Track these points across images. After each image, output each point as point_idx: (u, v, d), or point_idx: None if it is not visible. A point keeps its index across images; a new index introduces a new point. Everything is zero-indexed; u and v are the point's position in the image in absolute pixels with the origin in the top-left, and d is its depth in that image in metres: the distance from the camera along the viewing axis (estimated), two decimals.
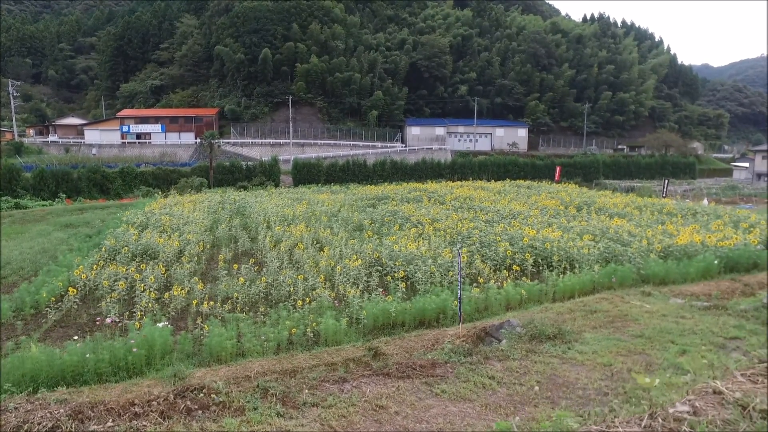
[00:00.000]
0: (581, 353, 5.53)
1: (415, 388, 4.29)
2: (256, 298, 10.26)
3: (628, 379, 4.75)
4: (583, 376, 4.78)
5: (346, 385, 4.46)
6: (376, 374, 4.68)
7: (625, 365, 5.26)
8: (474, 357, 5.18)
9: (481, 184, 34.94)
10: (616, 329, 7.22)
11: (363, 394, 4.19)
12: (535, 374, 4.74)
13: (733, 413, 1.79)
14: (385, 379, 4.51)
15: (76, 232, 19.16)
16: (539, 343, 5.79)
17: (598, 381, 4.64)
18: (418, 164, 54.27)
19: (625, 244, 13.59)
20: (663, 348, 6.23)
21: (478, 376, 4.63)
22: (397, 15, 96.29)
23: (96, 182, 40.18)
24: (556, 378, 4.69)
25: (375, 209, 22.15)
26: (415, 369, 4.68)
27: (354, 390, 4.30)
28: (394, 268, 11.65)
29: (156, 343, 7.40)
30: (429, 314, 8.98)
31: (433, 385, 4.35)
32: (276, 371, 6.76)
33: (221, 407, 3.89)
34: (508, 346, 5.74)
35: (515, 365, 4.96)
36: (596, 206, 22.04)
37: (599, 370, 5.01)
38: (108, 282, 10.77)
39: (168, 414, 3.58)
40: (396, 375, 4.56)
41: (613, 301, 9.55)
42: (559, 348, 5.65)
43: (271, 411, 3.90)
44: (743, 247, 13.19)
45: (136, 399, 3.88)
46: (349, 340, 8.13)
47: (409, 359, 5.00)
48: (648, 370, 5.19)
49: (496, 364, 5.00)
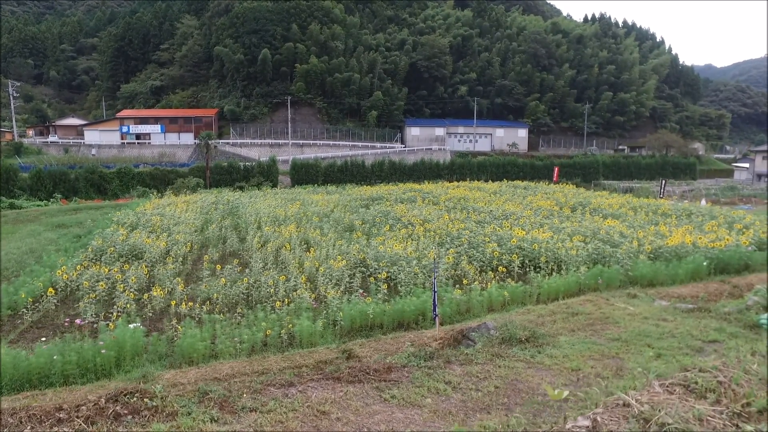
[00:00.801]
0: (551, 357, 5.40)
1: (364, 393, 4.17)
2: (236, 299, 10.14)
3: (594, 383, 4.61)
4: (546, 381, 4.65)
5: (291, 389, 4.34)
6: (326, 378, 4.56)
7: (594, 370, 5.12)
8: (435, 361, 5.05)
9: (478, 184, 34.78)
10: (594, 332, 7.08)
11: (307, 398, 4.06)
12: (495, 379, 4.60)
13: (634, 428, 1.66)
14: (335, 383, 4.38)
15: (66, 233, 19.09)
16: (509, 347, 5.66)
17: (561, 387, 4.50)
18: (416, 165, 54.17)
19: (616, 246, 13.43)
20: (638, 352, 6.09)
21: (433, 381, 4.50)
22: (397, 15, 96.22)
23: (93, 182, 40.18)
24: (518, 383, 4.55)
25: (368, 210, 22.02)
26: (368, 373, 4.56)
27: (299, 395, 4.18)
28: (378, 269, 11.52)
29: (126, 344, 7.29)
30: (408, 316, 8.86)
31: (383, 390, 4.22)
32: (246, 373, 6.66)
33: (153, 412, 3.76)
34: (474, 350, 5.60)
35: (476, 370, 4.82)
36: (591, 207, 21.88)
37: (565, 375, 4.87)
38: (89, 283, 10.67)
39: (93, 420, 3.46)
40: (347, 379, 4.44)
41: (597, 303, 9.40)
42: (529, 352, 5.51)
43: (206, 416, 3.78)
44: (734, 248, 13.02)
45: (65, 404, 3.76)
46: (324, 342, 8.01)
47: (362, 365, 4.87)
48: (617, 375, 5.05)
49: (457, 368, 4.86)
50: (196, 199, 26.54)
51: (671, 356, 5.91)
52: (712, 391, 1.89)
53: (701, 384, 1.94)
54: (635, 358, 5.82)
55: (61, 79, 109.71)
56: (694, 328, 7.35)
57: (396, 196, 27.03)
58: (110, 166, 45.88)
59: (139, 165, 50.87)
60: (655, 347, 6.30)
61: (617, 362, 5.57)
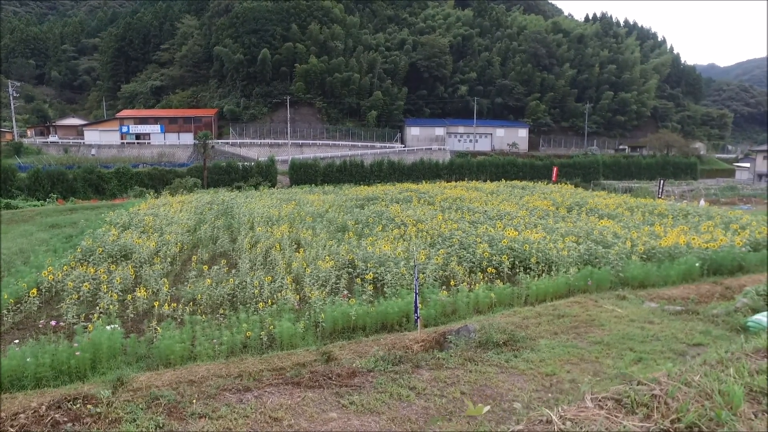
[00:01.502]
0: (526, 362, 5.27)
1: (323, 399, 4.05)
2: (221, 300, 10.04)
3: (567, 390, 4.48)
4: (517, 387, 4.52)
5: (248, 394, 4.22)
6: (286, 383, 4.44)
7: (570, 375, 4.99)
8: (403, 365, 4.93)
9: (476, 184, 34.64)
10: (577, 335, 6.94)
11: (262, 404, 3.95)
12: (464, 385, 4.48)
13: None
14: (294, 388, 4.26)
15: (59, 233, 19.02)
16: (485, 351, 5.53)
17: (531, 393, 4.38)
18: (415, 165, 54.05)
19: (608, 246, 13.28)
20: (619, 356, 5.96)
21: (397, 386, 4.37)
22: (397, 15, 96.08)
23: (91, 183, 40.16)
24: (486, 389, 4.43)
25: (362, 210, 21.90)
26: (330, 378, 4.44)
27: (254, 400, 4.06)
28: (365, 270, 11.41)
29: (103, 346, 7.19)
30: (392, 318, 8.74)
31: (343, 395, 4.10)
32: (221, 375, 6.56)
33: (95, 419, 3.65)
34: (447, 354, 5.48)
35: (445, 375, 4.70)
36: (587, 207, 21.71)
37: (538, 380, 4.74)
38: (73, 283, 10.58)
39: (29, 428, 3.35)
40: (307, 384, 4.32)
41: (585, 305, 9.27)
42: (504, 356, 5.38)
43: (151, 423, 3.67)
44: (729, 248, 12.86)
45: (2, 412, 3.64)
46: (305, 344, 7.90)
47: (325, 369, 4.75)
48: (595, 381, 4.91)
49: (425, 373, 4.74)
50: (191, 199, 26.46)
51: (652, 360, 5.78)
52: (644, 405, 1.76)
53: (634, 398, 1.81)
54: (614, 362, 5.69)
55: (62, 80, 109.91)
56: (680, 331, 7.22)
57: (392, 196, 26.91)
58: (109, 166, 45.88)
59: (139, 165, 50.88)
60: (637, 351, 6.17)
61: (595, 367, 5.44)
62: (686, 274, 11.39)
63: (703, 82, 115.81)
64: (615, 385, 4.09)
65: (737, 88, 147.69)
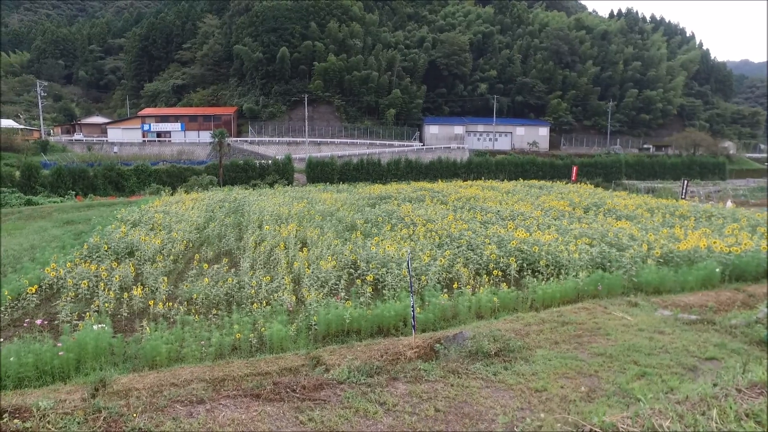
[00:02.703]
0: (517, 375, 4.88)
1: (281, 414, 3.76)
2: (217, 299, 9.86)
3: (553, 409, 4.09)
4: (500, 404, 4.15)
5: (200, 407, 3.96)
6: (245, 395, 4.16)
7: (562, 391, 4.59)
8: (378, 377, 4.59)
9: (492, 183, 34.01)
10: (579, 345, 6.50)
11: (213, 419, 3.69)
12: (441, 400, 4.13)
13: None
14: (253, 401, 3.98)
15: (72, 230, 19.24)
16: (473, 361, 5.16)
17: (514, 412, 4.00)
18: (433, 163, 53.54)
19: (623, 249, 12.69)
20: (621, 370, 5.51)
21: (366, 401, 4.05)
22: (417, 13, 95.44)
23: (111, 180, 40.85)
24: (465, 406, 4.07)
25: (373, 209, 21.61)
26: (294, 390, 4.14)
27: (204, 414, 3.80)
28: (366, 271, 11.10)
29: (88, 346, 7.06)
30: (388, 321, 8.42)
31: (305, 411, 3.80)
32: (204, 379, 6.36)
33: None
34: (429, 365, 5.12)
35: (422, 389, 4.35)
36: (605, 208, 20.99)
37: (525, 397, 4.36)
38: (72, 280, 10.55)
39: None
40: (267, 397, 4.03)
41: (593, 311, 8.79)
42: (493, 368, 5.00)
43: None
44: (754, 253, 12.13)
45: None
46: (296, 347, 7.64)
47: (289, 380, 4.45)
48: (586, 398, 4.50)
49: (401, 386, 4.41)
50: (204, 196, 26.56)
51: (657, 376, 5.33)
52: None
53: None
54: (615, 377, 5.25)
55: (89, 79, 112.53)
56: (693, 342, 6.71)
57: (405, 195, 26.57)
58: (129, 164, 46.63)
59: (158, 162, 51.59)
60: (642, 364, 5.71)
61: (593, 382, 5.02)
62: (706, 280, 10.76)
63: (735, 79, 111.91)
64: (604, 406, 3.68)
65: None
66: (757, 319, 7.81)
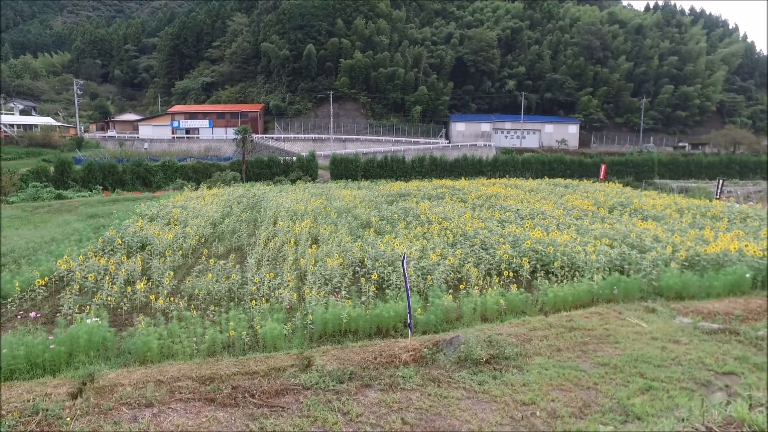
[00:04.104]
0: (505, 385, 4.51)
1: (231, 421, 3.52)
2: (219, 295, 9.77)
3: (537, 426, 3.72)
4: (478, 418, 3.80)
5: (147, 411, 3.77)
6: (199, 398, 3.95)
7: (552, 405, 4.20)
8: (349, 384, 4.31)
9: (516, 182, 33.19)
10: (584, 353, 6.06)
11: (156, 425, 3.49)
12: (412, 412, 3.81)
13: None
14: (206, 405, 3.76)
15: (93, 223, 19.63)
16: (460, 369, 4.82)
17: (492, 427, 3.65)
18: (458, 161, 52.82)
19: (645, 251, 12.01)
20: (624, 383, 5.07)
21: (328, 410, 3.77)
22: (445, 9, 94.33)
23: (139, 175, 41.85)
24: (437, 420, 3.74)
25: (390, 206, 21.32)
26: (253, 395, 3.90)
27: (149, 419, 3.60)
28: (372, 270, 10.82)
29: (80, 339, 7.03)
30: (387, 322, 8.12)
31: (258, 418, 3.56)
32: (190, 377, 6.23)
33: None
34: (410, 371, 4.80)
35: (395, 398, 4.04)
36: (632, 208, 20.09)
37: (510, 410, 4.00)
38: (81, 274, 10.65)
39: None
40: (223, 402, 3.81)
41: (605, 316, 8.28)
42: (481, 376, 4.65)
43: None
44: None
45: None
46: (290, 346, 7.44)
47: (250, 384, 4.21)
48: (579, 414, 4.11)
49: (372, 394, 4.11)
50: (224, 192, 26.79)
51: (663, 391, 4.86)
52: None
53: None
54: (616, 390, 4.82)
55: (124, 78, 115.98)
56: (710, 354, 6.16)
57: (425, 193, 26.17)
58: (157, 160, 47.67)
59: (185, 159, 52.60)
60: (649, 377, 5.24)
61: (589, 395, 4.60)
62: (734, 286, 10.04)
63: None
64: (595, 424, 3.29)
65: None
66: None
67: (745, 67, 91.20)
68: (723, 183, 27.25)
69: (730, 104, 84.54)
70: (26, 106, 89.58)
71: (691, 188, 36.10)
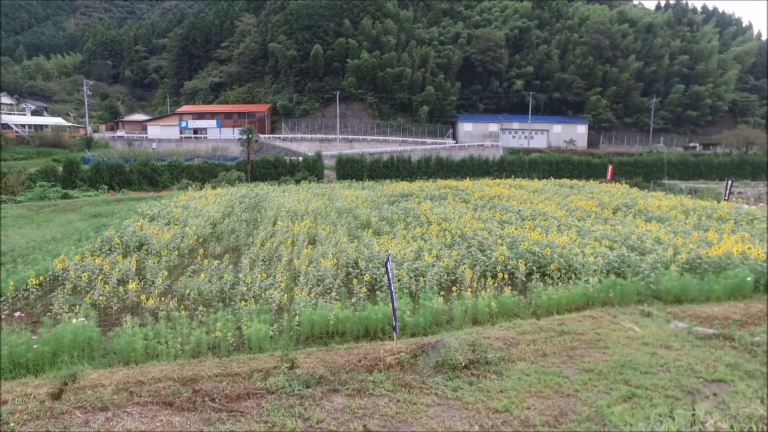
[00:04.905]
0: (481, 391, 4.39)
1: (187, 426, 3.44)
2: (210, 296, 9.73)
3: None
4: (445, 426, 3.69)
5: (100, 415, 3.69)
6: (156, 402, 3.87)
7: (526, 414, 4.07)
8: (316, 388, 4.21)
9: (520, 182, 32.92)
10: (570, 358, 5.91)
11: (108, 430, 3.41)
12: (377, 419, 3.71)
13: None
14: (162, 410, 3.69)
15: (95, 222, 19.76)
16: (436, 373, 4.70)
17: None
18: (464, 161, 52.58)
19: (645, 253, 11.79)
20: (607, 390, 4.92)
21: (288, 416, 3.67)
22: (452, 9, 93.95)
23: (146, 175, 42.13)
24: (402, 427, 3.63)
25: (391, 206, 21.22)
26: (213, 400, 3.81)
27: (102, 423, 3.52)
28: (365, 271, 10.73)
29: (65, 339, 7.01)
30: (375, 324, 8.02)
31: (214, 423, 3.47)
32: (172, 378, 6.18)
33: None
34: (382, 376, 4.69)
35: (361, 404, 3.94)
36: (636, 209, 19.80)
37: (481, 418, 3.87)
38: (74, 273, 10.67)
39: None
40: (181, 406, 3.73)
41: (599, 320, 8.11)
42: (456, 382, 4.52)
43: None
44: None
45: None
46: (275, 348, 7.36)
47: (211, 387, 4.13)
48: (553, 423, 3.97)
49: (338, 399, 4.00)
50: (227, 192, 26.86)
51: (647, 399, 4.71)
52: None
53: None
54: (597, 398, 4.67)
55: (134, 78, 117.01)
56: (702, 360, 5.98)
57: (427, 193, 26.04)
58: (164, 160, 47.98)
59: (193, 159, 52.88)
60: (634, 384, 5.08)
61: (568, 403, 4.46)
62: (735, 290, 9.80)
63: None
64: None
65: None
66: None
67: (758, 65, 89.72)
68: (732, 184, 26.78)
69: (743, 104, 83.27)
70: (38, 107, 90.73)
71: (701, 189, 35.56)
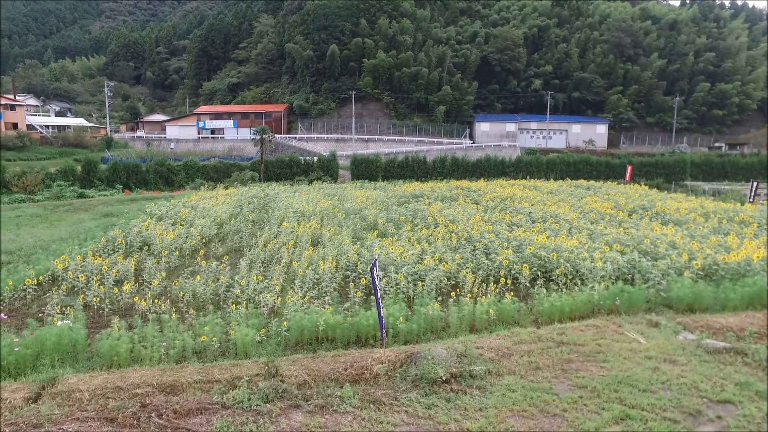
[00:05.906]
0: (458, 409, 4.08)
1: None
2: (203, 298, 9.58)
3: None
4: None
5: (41, 430, 3.49)
6: (98, 418, 3.66)
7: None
8: (276, 404, 3.95)
9: (535, 183, 32.22)
10: (563, 372, 5.54)
11: None
12: None
13: None
14: (104, 425, 3.48)
15: (106, 222, 19.90)
16: (413, 388, 4.40)
17: None
18: (480, 161, 51.89)
19: (658, 258, 11.24)
20: (598, 410, 4.55)
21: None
22: (470, 8, 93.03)
23: (162, 174, 42.62)
24: None
25: (401, 207, 20.91)
26: (161, 415, 3.59)
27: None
28: (364, 274, 10.45)
29: (48, 342, 6.91)
30: (366, 330, 7.74)
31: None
32: (150, 384, 6.02)
33: None
34: (348, 392, 4.40)
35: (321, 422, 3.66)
36: (653, 211, 19.10)
37: None
38: (72, 273, 10.65)
39: None
40: (124, 421, 3.52)
41: (602, 330, 7.68)
42: (432, 398, 4.22)
43: None
44: None
45: None
46: (261, 354, 7.14)
47: (167, 400, 3.90)
48: None
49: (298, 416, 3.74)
50: (237, 192, 26.89)
51: (641, 422, 4.32)
52: None
53: None
54: (587, 419, 4.30)
55: (155, 79, 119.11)
56: (708, 378, 5.54)
57: (438, 194, 25.63)
58: (180, 159, 48.50)
59: (209, 158, 53.37)
60: (629, 404, 4.69)
61: (552, 424, 4.11)
62: (753, 299, 9.22)
63: None
64: None
65: None
66: None
67: None
68: (758, 185, 25.72)
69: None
70: (62, 108, 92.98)
71: (725, 191, 34.31)
